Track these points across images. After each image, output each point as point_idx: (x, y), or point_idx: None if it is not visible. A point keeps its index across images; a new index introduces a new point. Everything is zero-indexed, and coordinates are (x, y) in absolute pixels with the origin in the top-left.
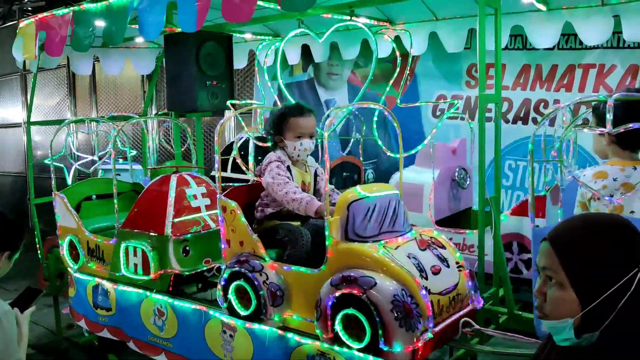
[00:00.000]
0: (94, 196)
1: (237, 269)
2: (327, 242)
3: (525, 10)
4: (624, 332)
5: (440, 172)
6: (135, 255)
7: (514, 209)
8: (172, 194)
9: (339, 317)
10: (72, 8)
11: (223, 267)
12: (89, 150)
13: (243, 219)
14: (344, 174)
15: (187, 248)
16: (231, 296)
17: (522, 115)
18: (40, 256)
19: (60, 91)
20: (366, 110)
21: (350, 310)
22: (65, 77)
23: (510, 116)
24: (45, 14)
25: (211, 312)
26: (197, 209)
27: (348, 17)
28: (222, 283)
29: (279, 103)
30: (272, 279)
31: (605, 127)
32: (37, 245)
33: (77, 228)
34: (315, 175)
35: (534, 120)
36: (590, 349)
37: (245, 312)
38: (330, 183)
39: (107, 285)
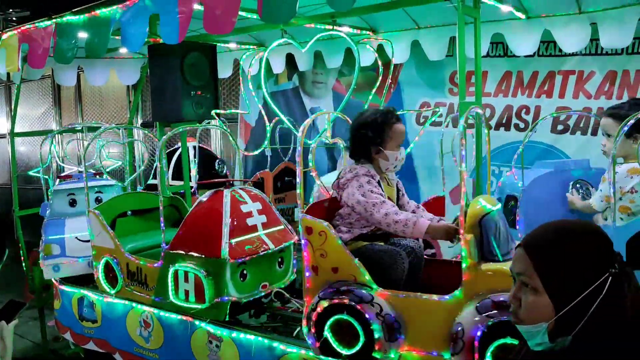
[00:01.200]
0: (129, 212)
1: (339, 300)
2: (463, 264)
3: (504, 18)
4: (596, 336)
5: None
6: (186, 280)
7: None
8: (227, 212)
9: (491, 348)
10: (54, 20)
11: (316, 299)
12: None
13: (339, 241)
14: (286, 178)
15: (245, 272)
16: (328, 333)
17: (504, 121)
18: (25, 269)
19: (45, 101)
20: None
21: (509, 340)
22: (50, 88)
23: (493, 122)
24: (27, 25)
25: (197, 322)
26: (254, 228)
27: (330, 27)
28: (314, 318)
29: (263, 112)
30: (386, 310)
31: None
32: (22, 258)
33: (114, 248)
34: (397, 189)
35: (516, 126)
36: (564, 353)
37: (348, 350)
38: (277, 188)
39: (92, 297)
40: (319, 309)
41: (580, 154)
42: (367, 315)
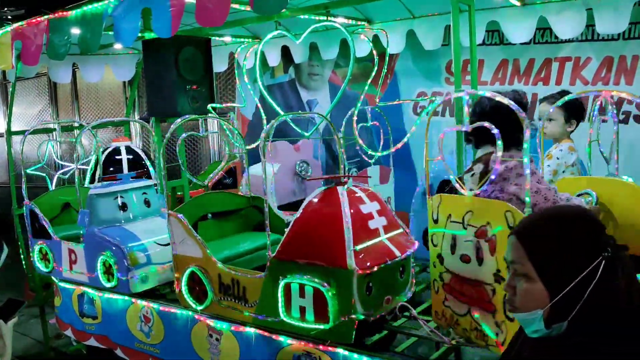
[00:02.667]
0: (209, 215)
1: None
2: None
3: (499, 6)
4: (591, 321)
5: (284, 166)
6: (302, 295)
7: None
8: (346, 213)
9: None
10: (46, 16)
11: None
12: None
13: None
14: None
15: (370, 284)
16: None
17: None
18: (25, 267)
19: (41, 99)
20: (347, 110)
21: None
22: (47, 85)
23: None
24: (20, 23)
25: (196, 316)
26: (376, 232)
27: (325, 18)
28: None
29: (259, 105)
30: None
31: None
32: (22, 256)
33: (202, 257)
34: None
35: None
36: (560, 339)
37: None
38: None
39: (92, 293)
40: None
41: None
42: None
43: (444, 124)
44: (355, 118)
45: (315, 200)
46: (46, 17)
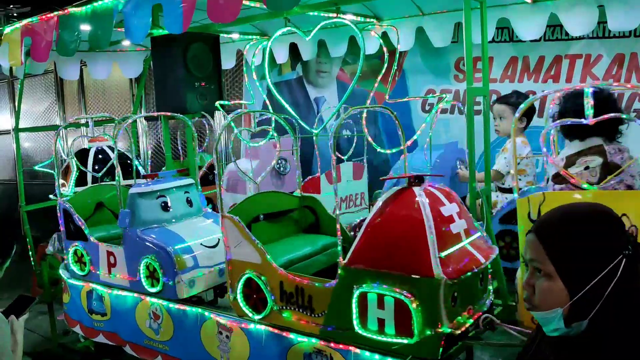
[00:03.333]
0: (261, 216)
1: None
2: None
3: (510, 3)
4: (612, 320)
5: (263, 162)
6: (381, 306)
7: (303, 186)
8: (428, 217)
9: None
10: (56, 12)
11: None
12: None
13: None
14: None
15: (456, 294)
16: None
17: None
18: (33, 263)
19: (48, 96)
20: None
21: None
22: (53, 82)
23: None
24: (32, 19)
25: (206, 313)
26: (458, 237)
27: (334, 15)
28: None
29: (267, 103)
30: None
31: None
32: (30, 253)
33: (262, 263)
34: None
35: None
36: (580, 338)
37: None
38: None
39: (101, 289)
40: None
41: None
42: None
43: (453, 122)
44: (365, 115)
45: (389, 202)
46: (56, 13)
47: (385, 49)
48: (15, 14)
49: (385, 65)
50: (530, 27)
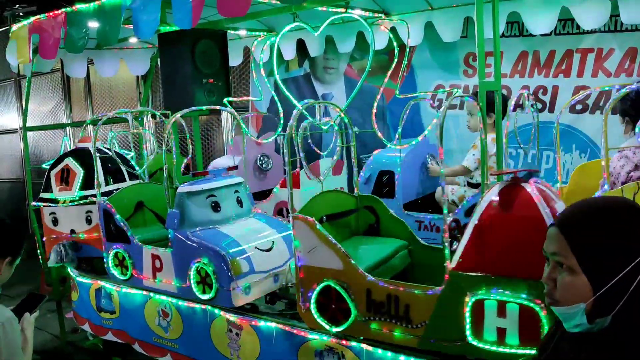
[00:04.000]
0: (324, 217)
1: None
2: None
3: None
4: (637, 315)
5: (247, 159)
6: (502, 314)
7: (282, 181)
8: (548, 214)
9: None
10: (64, 9)
11: None
12: None
13: None
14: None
15: None
16: None
17: (521, 102)
18: (41, 261)
19: (55, 95)
20: (363, 103)
21: None
22: (60, 81)
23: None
24: (41, 16)
25: (216, 310)
26: None
27: (343, 10)
28: None
29: (276, 99)
30: None
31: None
32: (38, 251)
33: (344, 269)
34: None
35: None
36: (603, 334)
37: None
38: None
39: (110, 287)
40: None
41: (600, 134)
42: None
43: (462, 118)
44: (374, 111)
45: (497, 200)
46: (64, 10)
47: (395, 44)
48: (21, 13)
49: (396, 60)
50: (541, 21)
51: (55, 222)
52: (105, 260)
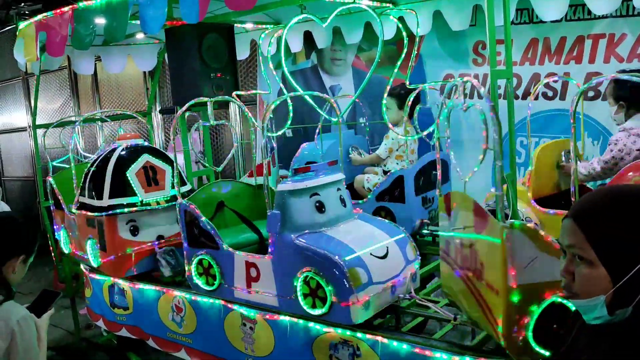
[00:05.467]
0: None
1: None
2: None
3: None
4: None
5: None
6: None
7: (250, 172)
8: None
9: None
10: (71, 6)
11: None
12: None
13: None
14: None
15: None
16: None
17: (531, 90)
18: (54, 258)
19: (62, 93)
20: (372, 95)
21: None
22: (67, 79)
23: (520, 92)
24: (48, 14)
25: (230, 305)
26: None
27: (351, 0)
28: None
29: (284, 91)
30: None
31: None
32: (51, 248)
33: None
34: None
35: (544, 95)
36: (624, 325)
37: None
38: None
39: (123, 284)
40: None
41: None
42: None
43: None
44: (385, 102)
45: None
46: (71, 6)
47: (404, 34)
48: (27, 12)
49: (405, 50)
50: (551, 7)
51: (134, 231)
52: (187, 268)
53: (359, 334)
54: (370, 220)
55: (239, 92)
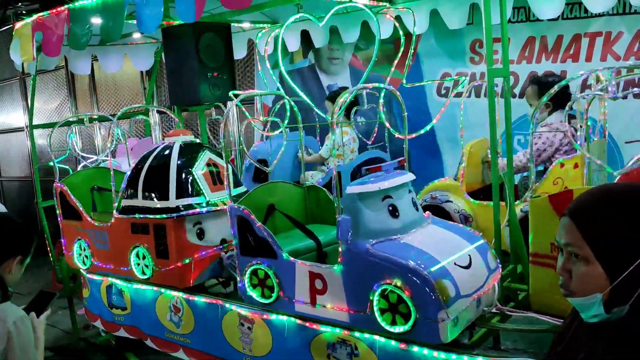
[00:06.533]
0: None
1: None
2: None
3: None
4: None
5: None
6: None
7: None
8: None
9: None
10: (67, 6)
11: None
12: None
13: None
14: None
15: None
16: None
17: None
18: (52, 259)
19: (60, 93)
20: (369, 94)
21: None
22: (65, 79)
23: (517, 90)
24: (44, 13)
25: (227, 305)
26: None
27: None
28: None
29: (281, 90)
30: None
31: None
32: (48, 248)
33: None
34: None
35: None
36: (620, 323)
37: None
38: None
39: (121, 284)
40: None
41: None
42: None
43: (470, 105)
44: (381, 101)
45: None
46: (67, 6)
47: (401, 32)
48: (24, 12)
49: (402, 49)
50: (548, 5)
51: (200, 234)
52: (239, 278)
53: (357, 334)
54: (446, 225)
55: (236, 92)
